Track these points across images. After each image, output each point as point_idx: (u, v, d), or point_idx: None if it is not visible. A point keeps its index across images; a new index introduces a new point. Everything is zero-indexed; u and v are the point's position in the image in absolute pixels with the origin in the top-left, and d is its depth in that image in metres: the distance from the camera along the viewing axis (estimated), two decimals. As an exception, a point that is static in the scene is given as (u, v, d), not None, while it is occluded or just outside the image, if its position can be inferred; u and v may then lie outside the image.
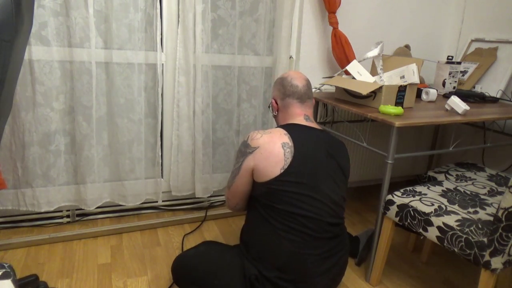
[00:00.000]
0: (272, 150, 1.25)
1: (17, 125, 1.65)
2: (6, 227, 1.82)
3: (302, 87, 1.41)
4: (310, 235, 1.24)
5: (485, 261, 1.19)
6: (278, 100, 1.45)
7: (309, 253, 1.23)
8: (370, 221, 2.19)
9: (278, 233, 1.23)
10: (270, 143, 1.27)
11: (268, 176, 1.24)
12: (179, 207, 2.13)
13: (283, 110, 1.43)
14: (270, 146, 1.26)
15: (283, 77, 1.45)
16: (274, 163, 1.24)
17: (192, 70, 1.86)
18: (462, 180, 1.71)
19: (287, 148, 1.26)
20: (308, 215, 1.23)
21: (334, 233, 1.29)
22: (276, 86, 1.47)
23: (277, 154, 1.25)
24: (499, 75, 2.11)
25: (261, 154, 1.26)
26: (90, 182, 1.81)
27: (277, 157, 1.24)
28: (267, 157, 1.25)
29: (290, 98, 1.41)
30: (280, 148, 1.26)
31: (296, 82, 1.41)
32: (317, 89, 2.06)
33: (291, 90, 1.40)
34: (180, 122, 1.91)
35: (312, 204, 1.24)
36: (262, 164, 1.25)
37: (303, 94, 1.41)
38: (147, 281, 1.54)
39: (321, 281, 1.26)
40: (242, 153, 1.32)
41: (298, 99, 1.41)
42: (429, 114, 1.60)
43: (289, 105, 1.41)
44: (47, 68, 1.65)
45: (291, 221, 1.23)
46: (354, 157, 2.32)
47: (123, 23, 1.72)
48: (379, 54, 1.75)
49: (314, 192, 1.25)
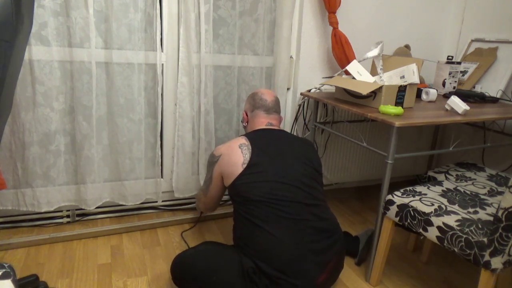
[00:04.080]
0: (231, 153, 1.42)
1: (17, 125, 1.65)
2: (6, 227, 1.82)
3: (270, 102, 1.60)
4: (291, 219, 1.29)
5: (485, 261, 1.19)
6: (248, 112, 1.64)
7: (296, 237, 1.27)
8: (370, 221, 2.19)
9: (261, 226, 1.28)
10: (229, 148, 1.44)
11: (234, 175, 1.38)
12: (179, 207, 2.13)
13: (251, 120, 1.61)
14: (229, 150, 1.43)
15: (254, 93, 1.64)
16: (235, 162, 1.39)
17: (195, 70, 1.86)
18: (462, 180, 1.71)
19: (244, 146, 1.42)
20: (283, 199, 1.31)
21: (315, 214, 1.34)
22: (248, 100, 1.65)
23: (235, 154, 1.40)
24: (499, 75, 2.11)
25: (223, 159, 1.43)
26: (90, 182, 1.81)
27: (236, 156, 1.40)
28: (229, 160, 1.41)
29: (258, 110, 1.59)
30: (237, 148, 1.42)
31: (265, 97, 1.60)
32: (317, 89, 2.06)
33: (260, 103, 1.59)
34: (182, 122, 1.91)
35: (283, 188, 1.33)
36: (226, 167, 1.41)
37: (270, 107, 1.59)
38: (147, 281, 1.54)
39: (313, 268, 1.26)
40: (210, 163, 1.51)
41: (265, 111, 1.58)
42: (429, 114, 1.60)
43: (256, 115, 1.59)
44: (47, 68, 1.65)
45: (269, 210, 1.29)
46: (354, 157, 2.32)
47: (123, 23, 1.72)
48: (379, 54, 1.75)
49: (282, 177, 1.35)
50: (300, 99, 2.12)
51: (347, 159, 2.30)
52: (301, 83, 2.12)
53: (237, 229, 1.38)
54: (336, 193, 2.52)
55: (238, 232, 1.37)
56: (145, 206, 2.06)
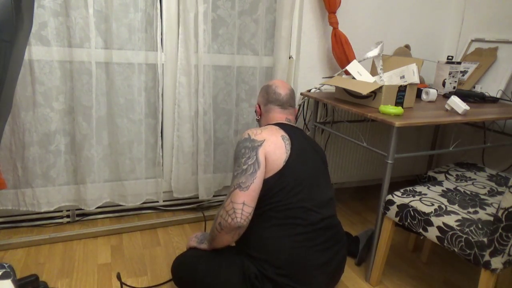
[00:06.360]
0: (277, 142, 1.29)
1: (17, 125, 1.65)
2: (6, 227, 1.82)
3: (284, 95, 1.48)
4: (307, 226, 1.26)
5: (485, 261, 1.19)
6: (261, 105, 1.53)
7: (307, 245, 1.24)
8: (370, 221, 2.19)
9: (275, 229, 1.24)
10: (273, 135, 1.30)
11: (273, 170, 1.26)
12: (179, 207, 2.13)
13: (265, 115, 1.51)
14: (273, 138, 1.29)
15: (268, 85, 1.52)
16: (280, 155, 1.27)
17: (194, 70, 1.86)
18: (462, 180, 1.71)
19: (286, 140, 1.31)
20: (306, 206, 1.27)
21: (329, 224, 1.32)
22: (261, 92, 1.54)
23: (280, 146, 1.28)
24: (499, 75, 2.11)
25: (269, 146, 1.27)
26: (90, 182, 1.81)
27: (281, 149, 1.28)
28: (274, 150, 1.27)
29: (272, 104, 1.48)
30: (281, 140, 1.30)
31: (280, 91, 1.48)
32: (317, 89, 2.06)
33: (273, 97, 1.48)
34: (181, 123, 1.91)
35: (309, 196, 1.28)
36: (271, 157, 1.26)
37: (285, 101, 1.48)
38: (147, 281, 1.54)
39: (320, 276, 1.26)
40: (251, 148, 1.26)
41: (280, 106, 1.48)
42: (429, 114, 1.60)
43: (270, 110, 1.49)
44: (47, 68, 1.65)
45: (288, 214, 1.25)
46: (354, 157, 2.32)
47: (123, 23, 1.72)
48: (379, 54, 1.75)
49: (310, 184, 1.30)
50: (300, 99, 2.12)
51: (347, 159, 2.30)
52: (301, 83, 2.12)
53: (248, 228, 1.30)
54: (336, 193, 2.52)
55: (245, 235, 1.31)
56: (145, 206, 2.06)
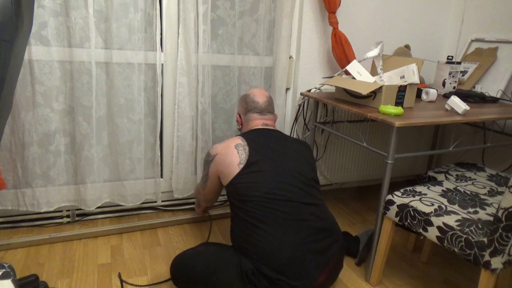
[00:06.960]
0: (227, 152, 1.43)
1: (17, 125, 1.65)
2: (6, 227, 1.82)
3: (262, 103, 1.59)
4: (289, 219, 1.28)
5: (485, 261, 1.19)
6: (241, 115, 1.64)
7: (293, 238, 1.26)
8: (370, 221, 2.19)
9: (259, 227, 1.27)
10: (225, 147, 1.45)
11: (231, 175, 1.38)
12: (179, 207, 2.13)
13: (245, 124, 1.61)
14: (224, 149, 1.44)
15: (246, 95, 1.63)
16: (230, 162, 1.39)
17: (194, 70, 1.86)
18: (462, 180, 1.71)
19: (240, 146, 1.42)
20: (281, 198, 1.30)
21: (314, 213, 1.33)
22: (240, 102, 1.65)
23: (231, 154, 1.41)
24: (499, 75, 2.11)
25: (219, 159, 1.45)
26: (90, 182, 1.81)
27: (231, 156, 1.40)
28: (224, 159, 1.42)
29: (251, 113, 1.59)
30: (233, 148, 1.42)
31: (257, 99, 1.59)
32: (317, 89, 2.06)
33: (252, 105, 1.59)
34: (181, 123, 1.91)
35: (282, 188, 1.32)
36: (222, 167, 1.42)
37: (263, 108, 1.59)
38: (147, 281, 1.54)
39: (317, 271, 1.26)
40: (206, 162, 1.53)
41: (259, 113, 1.58)
42: (429, 114, 1.60)
43: (250, 119, 1.59)
44: (47, 68, 1.65)
45: (267, 211, 1.28)
46: (354, 157, 2.32)
47: (123, 23, 1.72)
48: (379, 54, 1.75)
49: (280, 177, 1.35)
50: (300, 99, 2.12)
51: (347, 159, 2.30)
52: (301, 83, 2.12)
53: (235, 230, 1.37)
54: (336, 193, 2.52)
55: (236, 233, 1.35)
56: (145, 206, 2.06)
